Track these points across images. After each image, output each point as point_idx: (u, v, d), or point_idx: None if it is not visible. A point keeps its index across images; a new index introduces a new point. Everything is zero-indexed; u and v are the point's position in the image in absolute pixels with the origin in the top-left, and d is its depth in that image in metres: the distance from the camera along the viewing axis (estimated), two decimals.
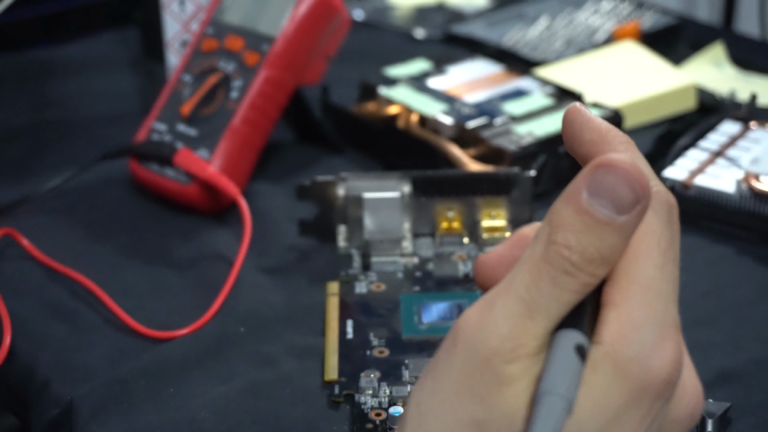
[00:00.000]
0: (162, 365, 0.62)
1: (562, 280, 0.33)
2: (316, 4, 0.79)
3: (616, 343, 0.33)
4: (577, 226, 0.33)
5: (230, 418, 0.58)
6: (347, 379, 0.60)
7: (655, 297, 0.35)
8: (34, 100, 0.97)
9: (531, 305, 0.33)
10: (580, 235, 0.33)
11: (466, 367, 0.33)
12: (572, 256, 0.33)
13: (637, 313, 0.34)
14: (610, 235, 0.33)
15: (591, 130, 0.37)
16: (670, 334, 0.35)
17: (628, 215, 0.33)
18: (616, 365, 0.33)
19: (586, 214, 0.33)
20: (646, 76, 0.94)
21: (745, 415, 0.58)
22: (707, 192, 0.76)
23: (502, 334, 0.33)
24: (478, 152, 0.80)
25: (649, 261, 0.35)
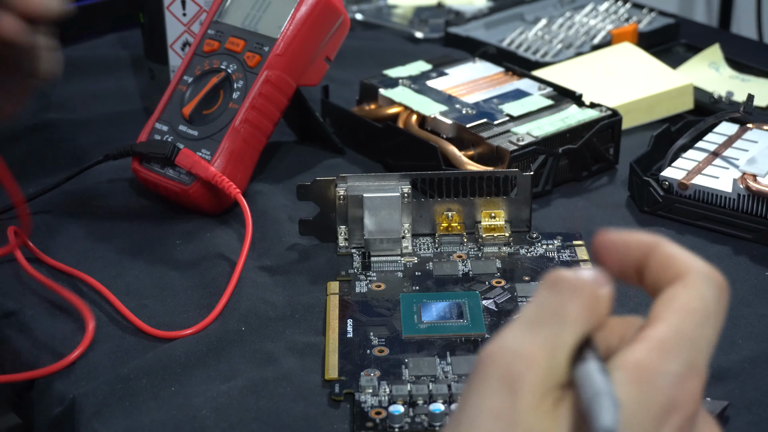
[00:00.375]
0: (164, 364, 0.63)
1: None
2: (317, 5, 0.79)
3: (648, 366, 0.36)
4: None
5: (231, 416, 0.59)
6: (347, 378, 0.61)
7: (688, 343, 0.38)
8: (38, 101, 0.97)
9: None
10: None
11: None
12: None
13: (670, 346, 0.37)
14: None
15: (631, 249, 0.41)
16: (695, 375, 0.37)
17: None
18: (644, 386, 0.36)
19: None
20: (644, 77, 0.95)
21: (742, 413, 0.59)
22: (704, 192, 0.77)
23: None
24: (477, 152, 0.80)
25: (692, 315, 0.38)
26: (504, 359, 0.37)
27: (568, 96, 0.86)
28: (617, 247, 0.41)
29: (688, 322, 0.38)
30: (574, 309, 0.38)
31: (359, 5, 1.19)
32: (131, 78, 1.02)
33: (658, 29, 1.07)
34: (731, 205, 0.76)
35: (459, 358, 0.62)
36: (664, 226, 0.77)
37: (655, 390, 0.36)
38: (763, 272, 0.72)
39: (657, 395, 0.36)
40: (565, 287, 0.39)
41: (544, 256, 0.72)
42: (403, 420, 0.57)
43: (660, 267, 0.39)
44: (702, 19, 2.06)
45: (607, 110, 0.84)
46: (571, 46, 1.03)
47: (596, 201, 0.81)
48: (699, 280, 0.38)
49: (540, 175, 0.80)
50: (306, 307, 0.68)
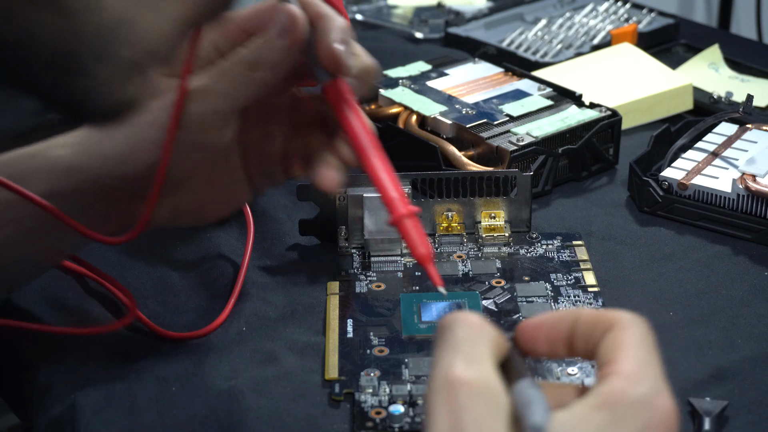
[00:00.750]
0: (164, 364, 0.63)
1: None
2: None
3: (626, 386, 0.43)
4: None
5: (232, 416, 0.59)
6: (347, 378, 0.61)
7: (649, 369, 0.44)
8: None
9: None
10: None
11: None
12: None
13: (636, 374, 0.43)
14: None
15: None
16: (662, 393, 0.43)
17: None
18: (628, 402, 0.42)
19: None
20: (643, 77, 0.95)
21: (741, 412, 0.59)
22: (704, 192, 0.77)
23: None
24: (477, 152, 0.80)
25: (643, 346, 0.44)
26: (449, 389, 0.43)
27: (568, 96, 0.86)
28: (542, 329, 0.47)
29: (642, 352, 0.44)
30: (464, 332, 0.45)
31: (359, 5, 1.19)
32: None
33: (658, 29, 1.07)
34: (731, 205, 0.76)
35: None
36: (663, 226, 0.77)
37: (629, 412, 0.42)
38: (762, 272, 0.72)
39: (633, 418, 0.42)
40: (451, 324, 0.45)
41: (544, 256, 0.72)
42: (403, 420, 0.58)
43: (588, 328, 0.45)
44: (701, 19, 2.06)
45: (607, 110, 0.84)
46: (571, 47, 1.03)
47: (596, 201, 0.81)
48: (630, 321, 0.45)
49: (540, 176, 0.80)
50: (306, 307, 0.68)
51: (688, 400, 0.59)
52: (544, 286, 0.69)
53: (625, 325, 0.45)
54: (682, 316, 0.67)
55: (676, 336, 0.65)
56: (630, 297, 0.69)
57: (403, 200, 0.57)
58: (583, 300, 0.67)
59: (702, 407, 0.58)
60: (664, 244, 0.75)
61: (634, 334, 0.45)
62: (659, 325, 0.66)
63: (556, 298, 0.68)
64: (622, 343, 0.44)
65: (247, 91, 0.59)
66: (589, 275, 0.70)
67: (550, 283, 0.69)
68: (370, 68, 0.61)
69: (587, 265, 0.71)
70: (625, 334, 0.45)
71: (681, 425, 0.43)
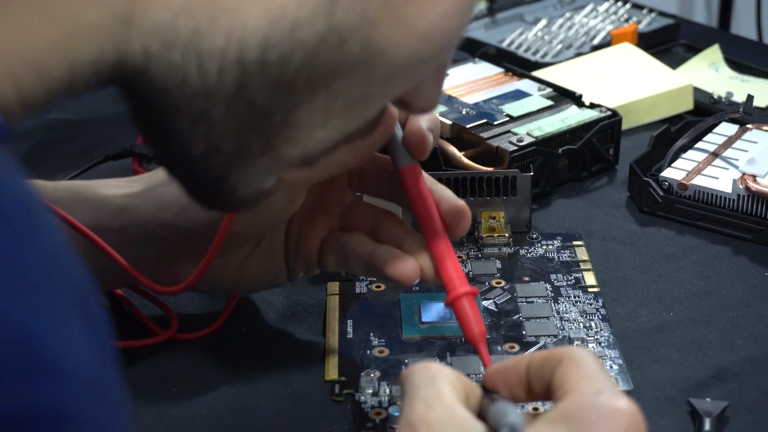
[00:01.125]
0: (164, 364, 0.63)
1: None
2: None
3: (583, 398, 0.45)
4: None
5: (231, 417, 0.59)
6: (347, 379, 0.61)
7: (604, 379, 0.46)
8: None
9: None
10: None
11: None
12: None
13: (593, 383, 0.46)
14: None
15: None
16: (624, 396, 0.45)
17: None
18: (588, 410, 0.44)
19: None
20: (643, 77, 0.95)
21: (741, 413, 0.59)
22: (704, 192, 0.77)
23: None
24: (477, 153, 0.80)
25: (592, 365, 0.47)
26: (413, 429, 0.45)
27: (568, 96, 0.86)
28: (500, 376, 0.49)
29: (594, 370, 0.46)
30: (422, 376, 0.47)
31: None
32: None
33: (658, 30, 1.07)
34: (731, 205, 0.76)
35: (459, 359, 0.62)
36: (663, 226, 0.77)
37: (592, 420, 0.44)
38: (762, 272, 0.72)
39: (596, 425, 0.44)
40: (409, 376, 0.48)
41: (544, 257, 0.72)
42: None
43: (539, 367, 0.48)
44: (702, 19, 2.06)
45: (607, 111, 0.84)
46: (571, 47, 1.03)
47: (596, 201, 0.81)
48: (577, 352, 0.47)
49: (540, 176, 0.80)
50: (306, 307, 0.68)
51: (688, 400, 0.59)
52: (544, 287, 0.69)
53: (573, 357, 0.47)
54: (682, 317, 0.67)
55: (676, 336, 0.65)
56: (630, 297, 0.69)
57: (463, 280, 0.57)
58: (584, 300, 0.67)
59: (702, 408, 0.58)
60: (665, 245, 0.75)
61: (584, 360, 0.47)
62: (659, 326, 0.66)
63: (556, 299, 0.68)
64: (573, 368, 0.46)
65: (328, 168, 0.58)
66: (590, 275, 0.70)
67: (550, 284, 0.69)
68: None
69: (587, 265, 0.71)
70: (574, 362, 0.47)
71: (647, 427, 0.45)
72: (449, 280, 0.56)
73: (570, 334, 0.64)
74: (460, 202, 0.58)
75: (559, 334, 0.64)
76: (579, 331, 0.65)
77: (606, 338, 0.64)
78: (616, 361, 0.62)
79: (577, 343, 0.63)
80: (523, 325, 0.65)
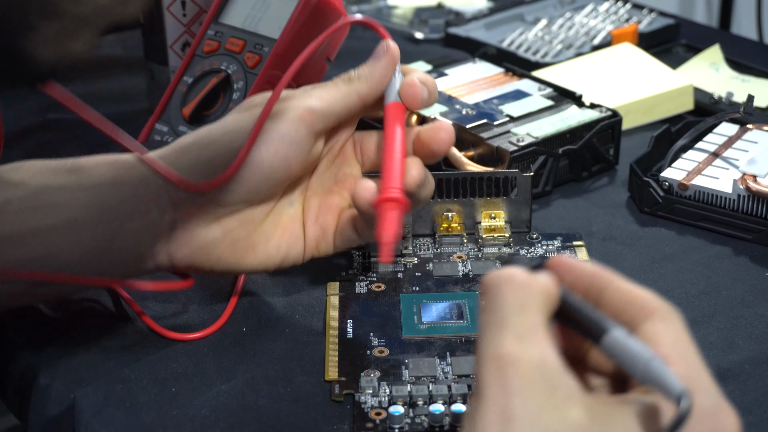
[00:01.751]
0: (164, 364, 0.63)
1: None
2: (317, 6, 0.79)
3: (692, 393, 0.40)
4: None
5: (231, 417, 0.59)
6: (347, 379, 0.61)
7: (701, 370, 0.42)
8: (38, 101, 0.97)
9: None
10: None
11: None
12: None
13: (699, 377, 0.41)
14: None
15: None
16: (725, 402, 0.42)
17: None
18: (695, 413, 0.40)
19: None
20: (644, 77, 0.95)
21: (742, 414, 0.58)
22: (704, 192, 0.77)
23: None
24: (477, 153, 0.80)
25: (683, 344, 0.43)
26: (500, 367, 0.41)
27: (568, 96, 0.86)
28: (572, 272, 0.45)
29: (689, 353, 0.42)
30: (516, 298, 0.43)
31: (359, 5, 1.19)
32: (131, 78, 1.02)
33: (658, 30, 1.07)
34: (731, 205, 0.76)
35: (459, 359, 0.62)
36: (664, 226, 0.77)
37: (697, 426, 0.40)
38: (763, 273, 0.72)
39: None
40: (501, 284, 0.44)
41: (544, 257, 0.72)
42: (403, 421, 0.57)
43: (618, 306, 0.43)
44: (702, 19, 2.06)
45: (607, 111, 0.84)
46: (571, 47, 1.03)
47: (596, 202, 0.81)
48: (666, 313, 0.43)
49: (540, 176, 0.80)
50: (306, 307, 0.68)
51: None
52: None
53: (663, 317, 0.43)
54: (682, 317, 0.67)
55: None
56: None
57: (397, 190, 0.60)
58: None
59: None
60: (665, 245, 0.75)
61: (675, 329, 0.42)
62: None
63: None
64: (664, 341, 0.42)
65: (344, 100, 0.65)
66: None
67: None
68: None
69: None
70: (664, 328, 0.42)
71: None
72: (385, 185, 0.60)
73: None
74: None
75: None
76: None
77: None
78: None
79: None
80: None
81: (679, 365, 0.41)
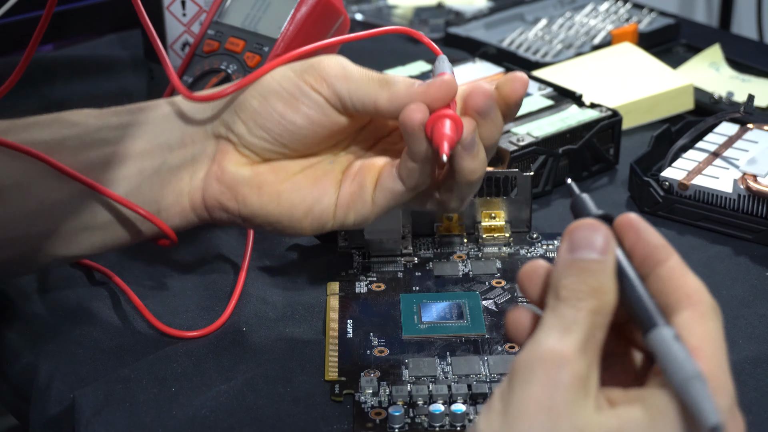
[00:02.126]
0: (164, 364, 0.63)
1: (576, 307, 0.43)
2: (317, 5, 0.79)
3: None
4: (569, 272, 0.44)
5: (231, 417, 0.59)
6: (347, 379, 0.61)
7: (727, 376, 0.42)
8: (38, 101, 0.97)
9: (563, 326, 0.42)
10: (573, 278, 0.44)
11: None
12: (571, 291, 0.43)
13: (723, 379, 0.42)
14: (592, 273, 0.43)
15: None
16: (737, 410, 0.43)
17: (602, 255, 0.44)
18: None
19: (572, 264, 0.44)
20: (644, 77, 0.95)
21: (742, 413, 0.59)
22: (705, 192, 0.77)
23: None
24: None
25: (718, 346, 0.43)
26: (543, 364, 0.41)
27: (569, 96, 0.86)
28: (636, 236, 0.46)
29: (721, 356, 0.42)
30: (590, 305, 0.43)
31: (359, 5, 1.19)
32: (131, 78, 1.02)
33: (659, 29, 1.07)
34: (731, 205, 0.76)
35: (459, 359, 0.62)
36: (664, 226, 0.77)
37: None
38: (763, 273, 0.72)
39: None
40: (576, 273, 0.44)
41: (545, 257, 0.72)
42: (403, 421, 0.57)
43: (668, 283, 0.44)
44: (702, 19, 2.06)
45: (608, 110, 0.84)
46: (572, 47, 1.03)
47: (596, 201, 0.80)
48: (709, 308, 0.43)
49: (540, 176, 0.80)
50: (306, 307, 0.68)
51: None
52: None
53: (704, 311, 0.43)
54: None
55: None
56: None
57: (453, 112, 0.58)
58: None
59: None
60: None
61: (711, 326, 0.42)
62: None
63: None
64: (698, 333, 0.42)
65: (366, 97, 0.60)
66: None
67: None
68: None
69: None
70: (701, 322, 0.42)
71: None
72: (437, 113, 0.58)
73: None
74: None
75: None
76: None
77: None
78: None
79: None
80: None
81: (705, 362, 0.41)
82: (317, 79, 0.61)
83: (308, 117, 0.61)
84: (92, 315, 0.68)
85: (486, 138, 0.60)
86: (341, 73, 0.61)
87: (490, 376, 0.61)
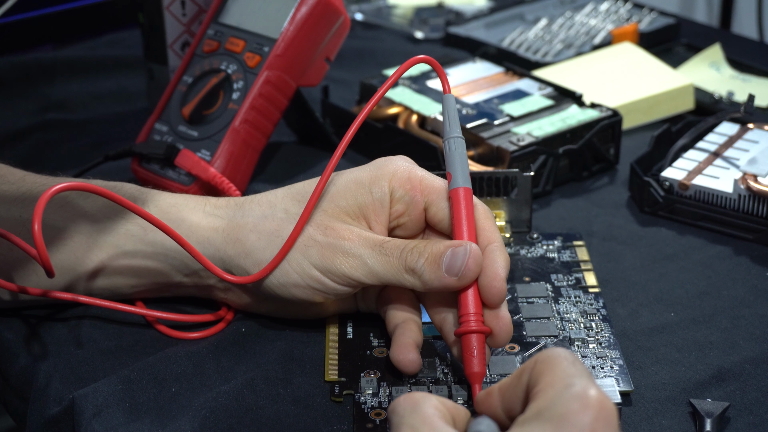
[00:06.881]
0: (164, 364, 0.63)
1: None
2: (317, 5, 0.79)
3: (556, 392, 0.46)
4: None
5: (231, 418, 0.59)
6: (347, 379, 0.61)
7: (576, 373, 0.47)
8: (38, 101, 0.97)
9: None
10: None
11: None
12: None
13: (565, 378, 0.47)
14: None
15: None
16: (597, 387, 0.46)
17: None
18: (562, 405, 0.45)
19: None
20: (644, 77, 0.95)
21: (743, 414, 0.59)
22: (705, 192, 0.77)
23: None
24: (477, 152, 0.80)
25: (566, 361, 0.48)
26: None
27: (569, 96, 0.86)
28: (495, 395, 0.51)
29: (568, 366, 0.47)
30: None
31: (359, 5, 1.19)
32: (131, 78, 1.02)
33: (659, 29, 1.07)
34: (732, 205, 0.76)
35: None
36: (664, 226, 0.77)
37: (568, 416, 0.45)
38: (763, 273, 0.72)
39: (573, 421, 0.45)
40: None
41: (545, 257, 0.72)
42: None
43: (516, 381, 0.49)
44: (703, 19, 2.06)
45: (608, 110, 0.84)
46: (572, 46, 1.03)
47: (597, 201, 0.81)
48: (545, 352, 0.48)
49: (540, 176, 0.80)
50: None
51: (689, 401, 0.59)
52: (544, 287, 0.69)
53: (545, 358, 0.48)
54: (683, 317, 0.67)
55: (677, 337, 0.65)
56: (631, 297, 0.69)
57: (479, 317, 0.58)
58: (584, 300, 0.67)
59: (703, 408, 0.58)
60: (665, 245, 0.75)
61: (556, 358, 0.47)
62: (660, 326, 0.66)
63: (557, 299, 0.68)
64: (545, 368, 0.47)
65: (384, 280, 0.60)
66: (590, 276, 0.70)
67: (551, 284, 0.69)
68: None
69: (588, 265, 0.71)
70: (546, 363, 0.47)
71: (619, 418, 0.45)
72: (465, 313, 0.58)
73: (570, 334, 0.64)
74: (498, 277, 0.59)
75: (560, 334, 0.64)
76: (579, 331, 0.64)
77: (606, 339, 0.64)
78: (616, 361, 0.62)
79: (577, 344, 0.63)
80: (523, 326, 0.65)
81: (555, 379, 0.47)
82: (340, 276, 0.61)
83: (324, 306, 0.65)
84: (92, 315, 0.68)
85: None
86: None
87: (489, 376, 0.61)
